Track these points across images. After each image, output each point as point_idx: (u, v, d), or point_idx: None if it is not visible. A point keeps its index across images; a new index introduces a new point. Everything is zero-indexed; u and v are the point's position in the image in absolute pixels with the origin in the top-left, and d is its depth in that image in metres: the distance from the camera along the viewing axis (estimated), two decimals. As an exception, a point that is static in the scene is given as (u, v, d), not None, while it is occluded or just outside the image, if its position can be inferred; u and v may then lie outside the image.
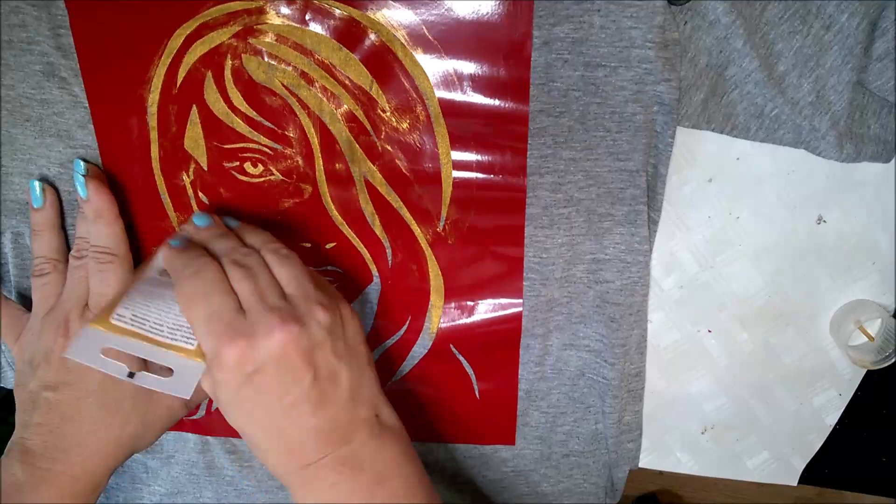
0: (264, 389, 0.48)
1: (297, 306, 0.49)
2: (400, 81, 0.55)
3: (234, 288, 0.49)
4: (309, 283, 0.51)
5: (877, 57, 0.55)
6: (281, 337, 0.47)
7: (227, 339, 0.47)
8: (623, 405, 0.66)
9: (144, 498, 0.73)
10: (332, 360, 0.49)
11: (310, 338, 0.48)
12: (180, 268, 0.51)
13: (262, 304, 0.48)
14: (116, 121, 0.58)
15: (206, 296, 0.49)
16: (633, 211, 0.59)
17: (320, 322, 0.49)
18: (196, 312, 0.48)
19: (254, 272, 0.50)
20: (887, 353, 0.62)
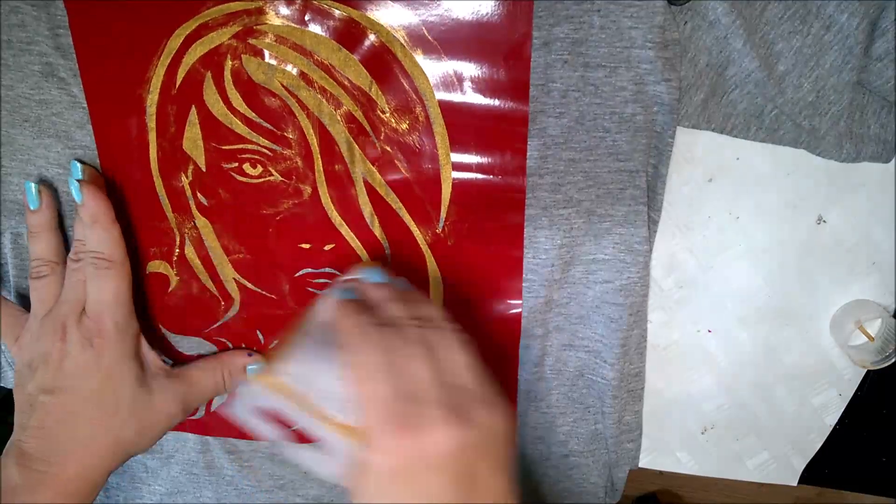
0: (412, 491, 0.44)
1: (465, 403, 0.45)
2: (399, 82, 0.55)
3: (408, 370, 0.45)
4: (478, 378, 0.47)
5: (877, 57, 0.54)
6: (445, 435, 0.43)
7: (395, 427, 0.43)
8: (623, 405, 0.66)
9: (144, 498, 0.73)
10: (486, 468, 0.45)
11: (472, 439, 0.44)
12: (349, 333, 0.48)
13: (433, 393, 0.44)
14: (115, 121, 0.58)
15: (373, 372, 0.45)
16: (632, 211, 0.59)
17: (486, 424, 0.45)
18: (366, 388, 0.45)
19: (428, 352, 0.46)
20: (887, 353, 0.62)
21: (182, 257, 0.62)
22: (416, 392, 0.44)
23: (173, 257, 0.62)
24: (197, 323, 0.65)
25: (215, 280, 0.63)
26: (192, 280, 0.63)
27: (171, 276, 0.63)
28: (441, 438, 0.43)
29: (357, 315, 0.49)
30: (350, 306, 0.50)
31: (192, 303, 0.64)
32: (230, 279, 0.63)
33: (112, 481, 0.73)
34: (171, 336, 0.65)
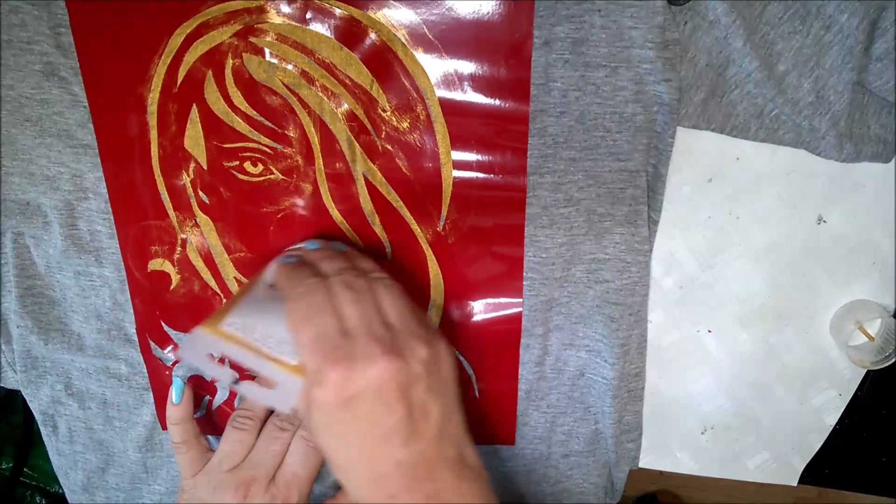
0: (359, 416, 0.47)
1: (399, 338, 0.49)
2: (400, 81, 0.55)
3: (341, 311, 0.49)
4: (411, 316, 0.51)
5: (877, 57, 0.55)
6: (382, 367, 0.47)
7: (331, 361, 0.47)
8: (623, 405, 0.66)
9: (144, 497, 0.73)
10: (426, 396, 0.49)
11: (409, 372, 0.48)
12: (291, 286, 0.51)
13: (367, 330, 0.48)
14: (116, 120, 0.58)
15: (312, 316, 0.49)
16: (632, 211, 0.59)
17: (419, 357, 0.49)
18: (303, 331, 0.49)
19: (361, 297, 0.50)
20: (887, 353, 0.62)
21: (184, 255, 0.62)
22: (349, 330, 0.48)
23: (175, 255, 0.62)
24: (198, 321, 0.65)
25: (217, 278, 0.63)
26: (194, 278, 0.63)
27: (173, 275, 0.63)
28: (376, 370, 0.47)
29: (296, 271, 0.53)
30: (289, 265, 0.54)
31: (193, 301, 0.64)
32: (231, 277, 0.63)
33: (112, 481, 0.73)
34: (173, 334, 0.65)
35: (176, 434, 0.63)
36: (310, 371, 0.48)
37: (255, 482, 0.60)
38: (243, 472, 0.60)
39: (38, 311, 0.67)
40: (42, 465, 0.91)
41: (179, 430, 0.62)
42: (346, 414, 0.47)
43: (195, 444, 0.63)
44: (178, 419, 0.62)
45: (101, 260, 0.63)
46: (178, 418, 0.62)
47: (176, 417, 0.62)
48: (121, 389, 0.68)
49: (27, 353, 0.68)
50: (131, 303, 0.65)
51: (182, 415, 0.62)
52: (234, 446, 0.61)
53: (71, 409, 0.70)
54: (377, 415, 0.47)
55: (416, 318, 0.51)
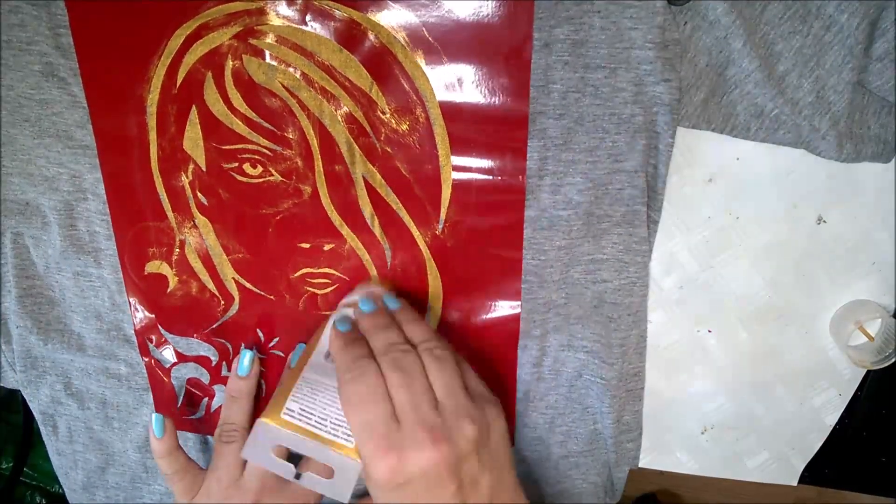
0: (412, 496, 0.50)
1: (447, 420, 0.50)
2: (400, 83, 0.55)
3: (391, 394, 0.51)
4: (461, 391, 0.52)
5: (877, 57, 0.54)
6: (430, 456, 0.49)
7: (381, 452, 0.49)
8: (622, 405, 0.66)
9: (144, 497, 0.73)
10: (476, 469, 0.51)
11: (458, 453, 0.50)
12: (344, 367, 0.53)
13: (416, 416, 0.50)
14: (115, 121, 0.58)
15: (364, 404, 0.51)
16: (630, 211, 0.59)
17: (468, 437, 0.50)
18: (354, 418, 0.51)
19: (411, 379, 0.51)
20: (887, 353, 0.62)
21: (182, 257, 0.62)
22: (399, 416, 0.50)
23: (173, 257, 0.62)
24: (196, 323, 0.65)
25: (215, 280, 0.63)
26: (192, 280, 0.63)
27: (171, 277, 0.63)
28: (424, 458, 0.49)
29: (349, 348, 0.54)
30: (342, 339, 0.55)
31: (191, 303, 0.64)
32: (230, 279, 0.63)
33: (112, 481, 0.73)
34: (169, 337, 0.66)
35: (165, 466, 0.62)
36: (364, 457, 0.50)
37: (266, 490, 0.60)
38: (245, 485, 0.60)
39: (38, 311, 0.67)
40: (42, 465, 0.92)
41: (168, 461, 0.62)
42: (399, 495, 0.50)
43: (187, 471, 0.63)
44: (165, 452, 0.62)
45: (100, 261, 0.63)
46: (163, 451, 0.62)
47: (162, 451, 0.62)
48: (120, 390, 0.69)
49: (27, 353, 0.68)
50: (128, 304, 0.65)
51: (167, 447, 0.62)
52: (229, 459, 0.61)
53: (71, 409, 0.70)
54: (430, 494, 0.50)
55: (465, 392, 0.53)
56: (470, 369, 0.56)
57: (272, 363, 0.66)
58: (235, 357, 0.64)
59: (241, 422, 0.63)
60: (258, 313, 0.64)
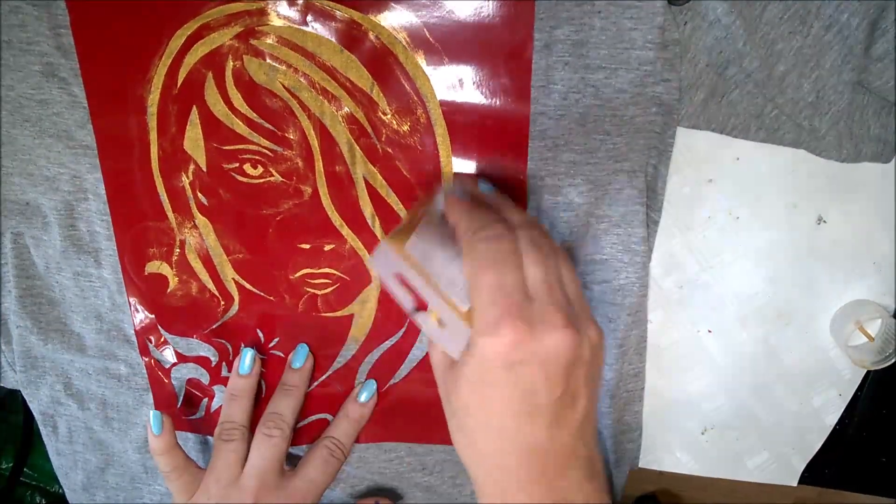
0: (517, 382, 0.44)
1: (577, 314, 0.46)
2: (401, 84, 0.55)
3: (526, 268, 0.45)
4: (584, 296, 0.48)
5: (877, 57, 0.54)
6: (561, 338, 0.44)
7: (511, 316, 0.43)
8: (622, 405, 0.66)
9: (144, 498, 0.73)
10: (582, 383, 0.46)
11: (580, 351, 0.45)
12: (475, 226, 0.47)
13: (549, 296, 0.45)
14: (116, 121, 0.58)
15: (499, 265, 0.45)
16: (630, 211, 0.59)
17: (592, 338, 0.46)
18: (485, 279, 0.45)
19: (546, 260, 0.46)
20: (887, 353, 0.62)
21: (182, 257, 0.62)
22: (531, 290, 0.45)
23: (173, 257, 0.62)
24: (196, 323, 0.65)
25: (215, 280, 0.63)
26: (192, 280, 0.63)
27: (171, 277, 0.63)
28: (553, 340, 0.43)
29: (482, 211, 0.49)
30: (467, 203, 0.50)
31: (191, 303, 0.64)
32: (230, 279, 0.63)
33: (112, 481, 0.73)
34: (169, 338, 0.65)
35: (164, 464, 0.62)
36: (484, 320, 0.44)
37: (264, 489, 0.60)
38: (244, 484, 0.60)
39: (38, 311, 0.67)
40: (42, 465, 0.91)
41: (166, 459, 0.62)
42: (507, 376, 0.44)
43: (185, 469, 0.63)
44: (163, 449, 0.62)
45: (100, 261, 0.63)
46: (162, 448, 0.62)
47: (160, 448, 0.62)
48: (120, 390, 0.69)
49: (27, 353, 0.68)
50: (128, 305, 0.65)
51: (165, 444, 0.62)
52: (228, 457, 0.61)
53: (71, 409, 0.70)
54: (536, 387, 0.44)
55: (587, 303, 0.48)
56: None
57: (272, 363, 0.66)
58: (235, 357, 0.64)
59: (241, 420, 0.62)
60: (258, 314, 0.64)
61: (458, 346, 0.46)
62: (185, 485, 0.62)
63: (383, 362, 0.65)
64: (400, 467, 0.70)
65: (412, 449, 0.69)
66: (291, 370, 0.64)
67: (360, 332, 0.64)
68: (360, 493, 0.71)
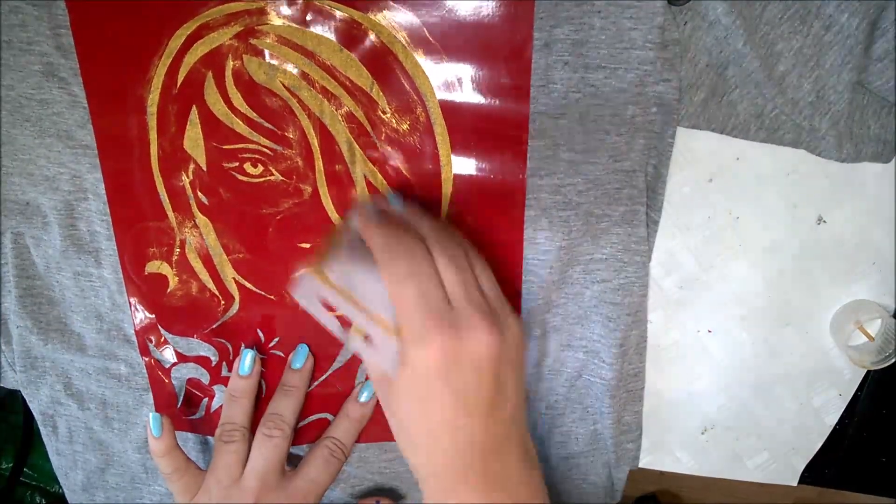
0: (451, 385, 0.47)
1: (497, 312, 0.49)
2: (400, 83, 0.55)
3: (446, 274, 0.48)
4: (502, 295, 0.51)
5: (877, 57, 0.54)
6: (486, 339, 0.47)
7: (436, 325, 0.46)
8: (622, 405, 0.66)
9: (144, 498, 0.73)
10: (510, 375, 0.49)
11: (505, 347, 0.48)
12: (391, 243, 0.49)
13: (469, 300, 0.47)
14: (116, 121, 0.58)
15: (417, 276, 0.47)
16: (629, 211, 0.59)
17: (514, 333, 0.49)
18: (406, 291, 0.47)
19: (460, 264, 0.49)
20: (887, 353, 0.62)
21: (182, 257, 0.62)
22: (453, 295, 0.48)
23: (173, 257, 0.62)
24: (196, 323, 0.65)
25: (215, 279, 0.63)
26: (192, 280, 0.63)
27: (171, 277, 0.63)
28: (479, 341, 0.46)
29: (394, 227, 0.51)
30: (385, 218, 0.53)
31: (191, 303, 0.64)
32: (230, 279, 0.63)
33: (112, 481, 0.73)
34: (169, 338, 0.65)
35: (164, 466, 0.62)
36: (411, 332, 0.47)
37: (265, 489, 0.60)
38: (245, 486, 0.60)
39: (38, 311, 0.67)
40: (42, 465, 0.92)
41: (166, 461, 0.62)
42: (441, 383, 0.47)
43: (186, 471, 0.62)
44: (163, 451, 0.62)
45: (101, 261, 0.63)
46: (162, 450, 0.62)
47: (160, 450, 0.62)
48: (120, 390, 0.68)
49: (27, 353, 0.68)
50: (128, 305, 0.65)
51: (166, 446, 0.62)
52: (229, 458, 0.61)
53: (70, 409, 0.70)
54: (469, 387, 0.47)
55: (502, 293, 0.51)
56: None
57: (272, 363, 0.66)
58: (236, 357, 0.64)
59: (241, 421, 0.62)
60: (258, 313, 0.64)
61: (390, 361, 0.48)
62: (186, 486, 0.62)
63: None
64: (400, 467, 0.70)
65: (412, 449, 0.69)
66: (291, 371, 0.64)
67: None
68: (360, 493, 0.71)
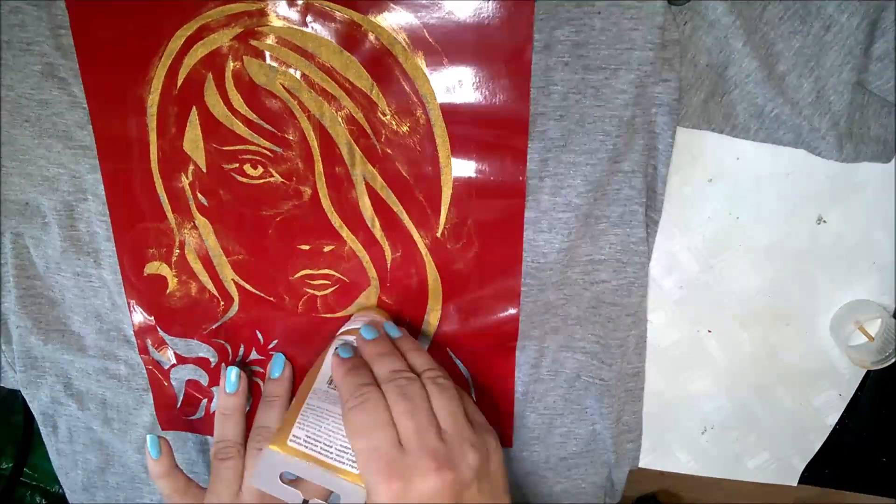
0: None
1: (451, 448, 0.52)
2: (400, 84, 0.55)
3: (396, 421, 0.52)
4: (463, 419, 0.54)
5: (877, 57, 0.54)
6: (436, 482, 0.50)
7: (386, 476, 0.50)
8: (621, 405, 0.66)
9: (144, 498, 0.73)
10: (476, 497, 0.52)
11: (461, 480, 0.51)
12: (347, 394, 0.53)
13: (420, 444, 0.51)
14: (115, 122, 0.58)
15: (369, 430, 0.51)
16: (628, 212, 0.59)
17: (471, 465, 0.51)
18: (359, 445, 0.51)
19: (415, 406, 0.52)
20: (887, 353, 0.62)
21: (182, 258, 0.62)
22: (403, 444, 0.51)
23: (172, 258, 0.62)
24: (195, 324, 0.65)
25: (215, 280, 0.63)
26: (192, 281, 0.63)
27: (170, 278, 0.63)
28: (429, 484, 0.50)
29: (352, 375, 0.55)
30: (346, 365, 0.56)
31: (190, 304, 0.64)
32: (229, 280, 0.63)
33: (112, 481, 0.73)
34: (168, 339, 0.65)
35: (164, 486, 0.62)
36: (367, 484, 0.51)
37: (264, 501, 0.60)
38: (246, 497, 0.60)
39: (38, 311, 0.67)
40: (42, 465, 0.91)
41: (165, 482, 0.62)
42: None
43: (186, 490, 0.62)
44: (162, 473, 0.62)
45: (100, 261, 0.63)
46: (161, 472, 0.62)
47: (159, 472, 0.62)
48: (120, 390, 0.69)
49: (27, 353, 0.68)
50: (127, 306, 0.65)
51: (165, 468, 0.62)
52: (227, 475, 0.61)
53: (70, 409, 0.70)
54: None
55: (467, 420, 0.54)
56: (470, 399, 0.58)
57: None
58: (235, 358, 0.64)
59: (234, 437, 0.62)
60: (258, 314, 0.64)
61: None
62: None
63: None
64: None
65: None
66: (271, 380, 0.64)
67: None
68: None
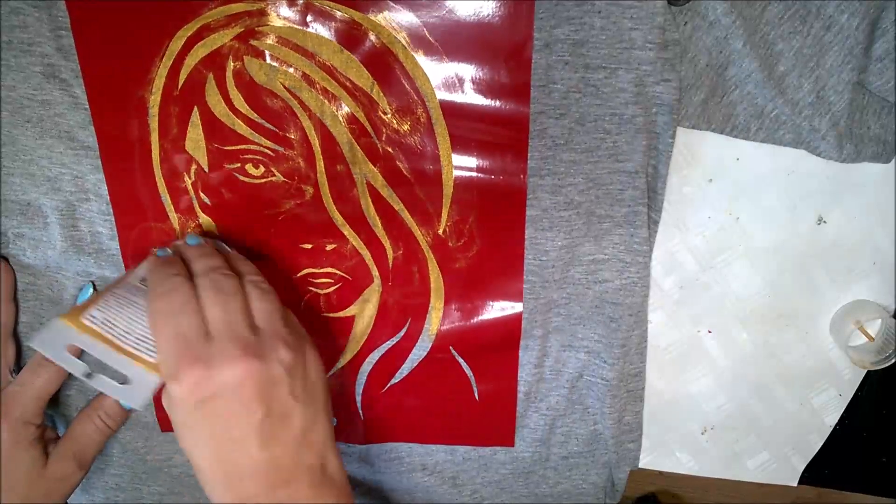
0: (215, 417, 0.48)
1: (262, 340, 0.49)
2: (401, 83, 0.55)
3: (205, 311, 0.49)
4: (279, 321, 0.51)
5: (877, 57, 0.55)
6: (240, 368, 0.47)
7: (187, 362, 0.47)
8: (623, 405, 0.66)
9: (144, 498, 0.73)
10: (288, 399, 0.49)
11: (269, 374, 0.48)
12: (156, 282, 0.51)
13: (228, 332, 0.48)
14: (117, 122, 0.58)
15: (174, 315, 0.49)
16: (632, 212, 0.59)
17: (282, 360, 0.49)
18: (162, 330, 0.49)
19: (228, 299, 0.50)
20: (887, 353, 0.62)
21: (184, 258, 0.62)
22: (210, 332, 0.48)
23: (175, 258, 0.62)
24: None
25: (217, 280, 0.63)
26: (194, 280, 0.63)
27: (173, 278, 0.63)
28: (232, 371, 0.47)
29: (164, 267, 0.53)
30: (160, 260, 0.54)
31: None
32: (231, 279, 0.63)
33: (111, 482, 0.73)
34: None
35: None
36: (167, 368, 0.48)
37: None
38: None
39: (38, 311, 0.67)
40: (43, 465, 0.91)
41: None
42: (202, 414, 0.47)
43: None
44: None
45: (102, 262, 0.63)
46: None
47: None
48: (121, 390, 0.69)
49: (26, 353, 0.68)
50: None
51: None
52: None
53: (70, 409, 0.70)
54: (234, 416, 0.48)
55: (286, 323, 0.52)
56: (293, 315, 0.55)
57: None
58: None
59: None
60: (259, 314, 0.64)
61: (141, 398, 0.51)
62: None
63: (384, 362, 0.65)
64: (400, 467, 0.70)
65: (412, 449, 0.69)
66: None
67: (362, 332, 0.64)
68: (361, 493, 0.71)
